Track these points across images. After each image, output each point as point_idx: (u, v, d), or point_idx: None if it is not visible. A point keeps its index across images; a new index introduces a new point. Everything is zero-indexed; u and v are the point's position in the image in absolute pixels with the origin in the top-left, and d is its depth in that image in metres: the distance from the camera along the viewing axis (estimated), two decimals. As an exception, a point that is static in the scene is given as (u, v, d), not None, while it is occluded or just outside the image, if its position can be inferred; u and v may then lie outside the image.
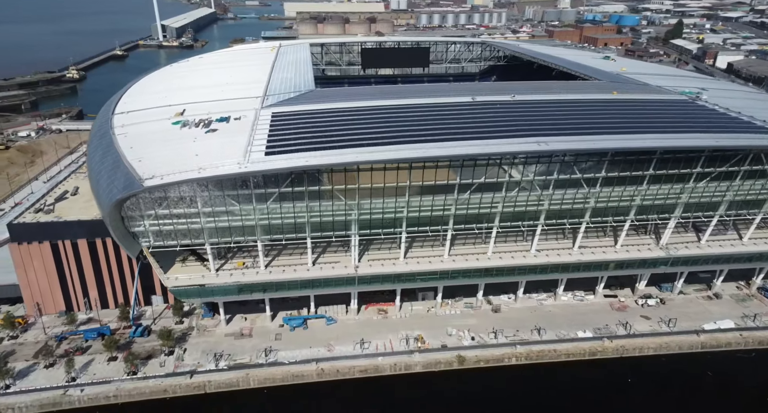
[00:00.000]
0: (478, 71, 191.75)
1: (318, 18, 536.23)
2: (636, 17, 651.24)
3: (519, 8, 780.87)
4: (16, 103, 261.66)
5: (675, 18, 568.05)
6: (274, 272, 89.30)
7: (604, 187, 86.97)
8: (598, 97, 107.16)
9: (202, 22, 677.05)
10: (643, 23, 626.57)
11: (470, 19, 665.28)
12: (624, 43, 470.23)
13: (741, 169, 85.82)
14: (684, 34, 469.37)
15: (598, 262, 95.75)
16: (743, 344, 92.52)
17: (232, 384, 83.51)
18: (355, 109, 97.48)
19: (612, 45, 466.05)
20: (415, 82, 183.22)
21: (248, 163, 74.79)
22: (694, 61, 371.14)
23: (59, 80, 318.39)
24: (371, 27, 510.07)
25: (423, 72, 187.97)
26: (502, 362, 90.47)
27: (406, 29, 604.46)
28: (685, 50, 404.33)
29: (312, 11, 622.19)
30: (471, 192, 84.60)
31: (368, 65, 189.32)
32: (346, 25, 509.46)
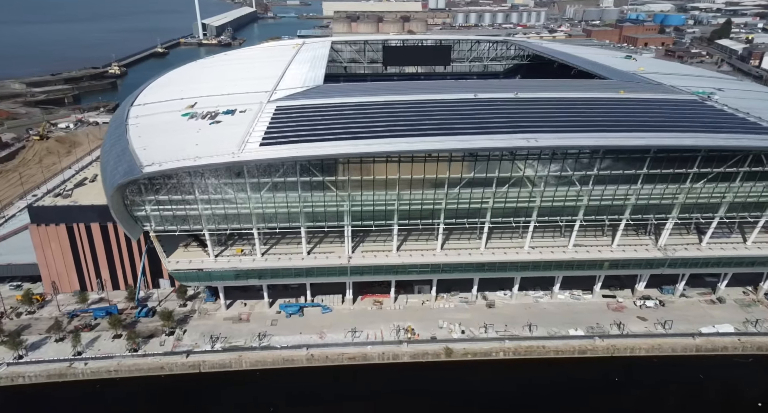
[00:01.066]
0: (503, 70, 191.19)
1: (352, 17, 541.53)
2: (682, 16, 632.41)
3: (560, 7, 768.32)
4: (60, 96, 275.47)
5: (725, 17, 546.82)
6: (269, 260, 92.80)
7: (596, 185, 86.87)
8: (603, 95, 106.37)
9: (242, 21, 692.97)
10: (689, 23, 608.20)
11: (508, 18, 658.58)
12: (665, 43, 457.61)
13: (740, 170, 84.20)
14: (732, 34, 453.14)
15: (593, 261, 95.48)
16: (741, 349, 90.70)
17: (225, 365, 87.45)
18: (356, 103, 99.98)
19: (652, 45, 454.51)
20: (437, 80, 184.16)
21: (241, 153, 78.33)
22: (738, 63, 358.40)
23: (102, 76, 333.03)
24: (404, 26, 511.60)
25: (448, 70, 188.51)
26: (490, 356, 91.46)
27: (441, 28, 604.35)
28: (731, 51, 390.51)
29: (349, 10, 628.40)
30: (461, 187, 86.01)
31: (390, 63, 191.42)
32: (379, 24, 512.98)
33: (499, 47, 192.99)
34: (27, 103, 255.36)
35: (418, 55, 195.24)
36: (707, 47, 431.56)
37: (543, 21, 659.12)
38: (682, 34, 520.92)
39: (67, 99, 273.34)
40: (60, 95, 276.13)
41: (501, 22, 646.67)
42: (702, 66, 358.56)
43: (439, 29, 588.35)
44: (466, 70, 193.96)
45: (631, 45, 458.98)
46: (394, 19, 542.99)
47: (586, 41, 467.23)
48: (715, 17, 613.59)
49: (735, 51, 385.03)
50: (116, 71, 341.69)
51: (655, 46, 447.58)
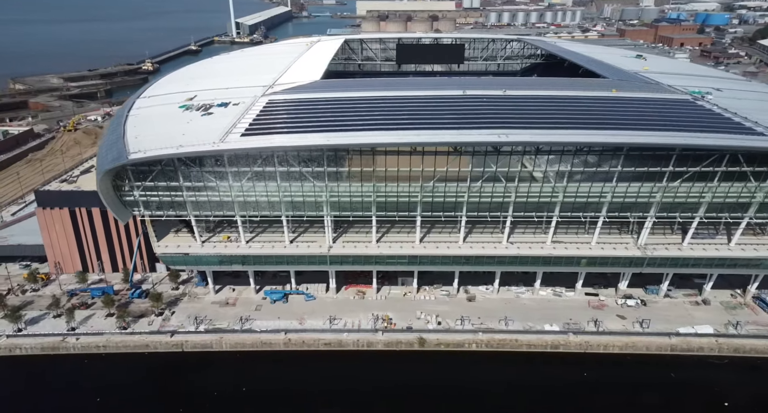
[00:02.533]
0: (519, 69, 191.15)
1: (381, 16, 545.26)
2: (726, 16, 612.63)
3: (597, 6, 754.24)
4: (93, 91, 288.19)
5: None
6: (253, 247, 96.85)
7: (571, 182, 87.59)
8: (593, 94, 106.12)
9: (276, 20, 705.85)
10: (733, 22, 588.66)
11: (542, 18, 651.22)
12: (702, 44, 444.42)
13: (716, 169, 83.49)
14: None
15: (570, 257, 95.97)
16: (717, 350, 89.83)
17: (207, 346, 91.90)
18: (344, 98, 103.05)
19: (689, 45, 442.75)
20: (439, 77, 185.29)
21: (221, 143, 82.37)
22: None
23: (135, 72, 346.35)
24: (433, 25, 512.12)
25: (464, 69, 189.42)
26: (462, 347, 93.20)
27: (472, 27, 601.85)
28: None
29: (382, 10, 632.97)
30: (438, 181, 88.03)
31: (403, 61, 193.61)
32: (408, 23, 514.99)
33: (514, 46, 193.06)
34: (62, 97, 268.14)
35: (431, 54, 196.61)
36: (748, 48, 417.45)
37: (578, 20, 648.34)
38: (722, 34, 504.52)
39: (100, 93, 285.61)
40: (93, 90, 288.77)
41: (535, 21, 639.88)
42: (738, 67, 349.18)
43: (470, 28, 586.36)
44: (482, 68, 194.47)
45: (667, 45, 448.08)
46: (423, 18, 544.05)
47: (619, 41, 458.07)
48: (762, 16, 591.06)
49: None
50: (149, 68, 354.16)
51: (692, 47, 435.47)
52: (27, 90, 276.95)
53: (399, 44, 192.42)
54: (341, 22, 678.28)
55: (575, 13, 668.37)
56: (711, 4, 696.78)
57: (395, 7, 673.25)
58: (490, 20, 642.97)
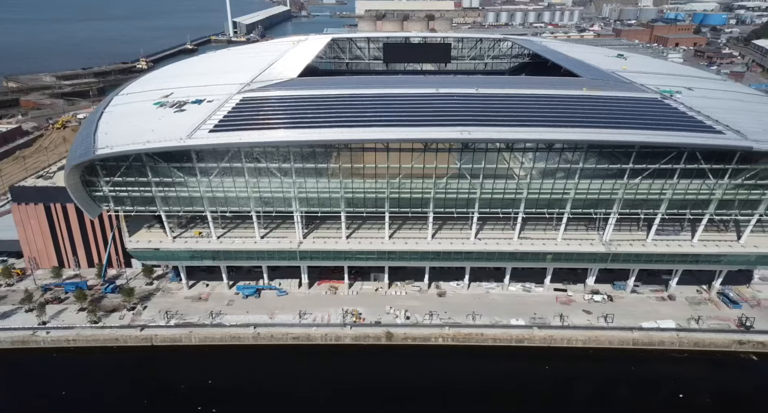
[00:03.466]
0: (508, 68, 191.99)
1: (378, 15, 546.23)
2: (723, 16, 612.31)
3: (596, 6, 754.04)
4: (85, 89, 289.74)
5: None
6: (224, 242, 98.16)
7: (534, 178, 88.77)
8: (565, 92, 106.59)
9: (275, 19, 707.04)
10: (731, 22, 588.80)
11: (540, 17, 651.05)
12: (697, 44, 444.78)
13: (675, 167, 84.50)
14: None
15: (536, 253, 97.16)
16: (678, 344, 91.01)
17: (176, 340, 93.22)
18: (317, 96, 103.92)
19: (684, 45, 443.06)
20: (416, 75, 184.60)
21: (188, 139, 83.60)
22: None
23: (129, 70, 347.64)
24: (429, 24, 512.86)
25: (453, 68, 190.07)
26: (429, 341, 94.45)
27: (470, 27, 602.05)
28: (765, 51, 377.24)
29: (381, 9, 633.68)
30: (404, 178, 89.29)
31: (390, 60, 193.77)
32: (404, 23, 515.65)
33: (502, 46, 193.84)
34: (54, 95, 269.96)
35: (418, 53, 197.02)
36: (743, 48, 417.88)
37: (576, 20, 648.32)
38: (718, 34, 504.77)
39: (92, 91, 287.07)
40: (85, 88, 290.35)
41: (533, 21, 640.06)
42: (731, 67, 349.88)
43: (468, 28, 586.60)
44: (471, 67, 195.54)
45: (662, 45, 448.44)
46: (420, 17, 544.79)
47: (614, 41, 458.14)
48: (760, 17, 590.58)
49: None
50: (144, 66, 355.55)
51: (686, 47, 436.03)
52: (20, 88, 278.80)
53: (386, 43, 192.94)
54: (340, 21, 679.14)
55: (573, 13, 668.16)
56: (710, 4, 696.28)
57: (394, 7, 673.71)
58: (488, 20, 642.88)
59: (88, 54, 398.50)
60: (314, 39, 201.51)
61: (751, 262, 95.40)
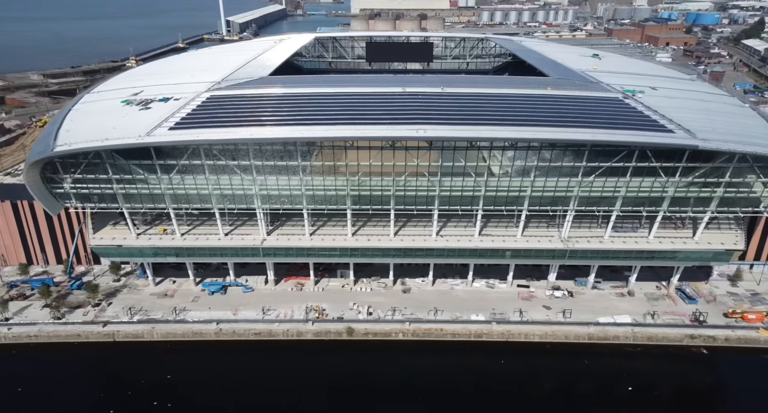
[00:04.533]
0: (492, 68, 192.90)
1: (371, 14, 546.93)
2: (716, 15, 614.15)
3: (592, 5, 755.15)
4: (72, 87, 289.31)
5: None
6: (188, 239, 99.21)
7: (491, 176, 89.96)
8: (528, 91, 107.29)
9: (269, 18, 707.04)
10: (724, 22, 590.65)
11: (534, 17, 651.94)
12: (688, 43, 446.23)
13: (627, 165, 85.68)
14: (763, 34, 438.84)
15: (495, 249, 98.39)
16: (632, 339, 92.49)
17: (138, 336, 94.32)
18: (283, 94, 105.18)
19: (674, 45, 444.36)
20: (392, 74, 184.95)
21: (146, 136, 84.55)
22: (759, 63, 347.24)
23: (118, 69, 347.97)
24: (421, 23, 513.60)
25: (437, 68, 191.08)
26: (390, 336, 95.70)
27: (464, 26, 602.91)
28: (754, 51, 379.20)
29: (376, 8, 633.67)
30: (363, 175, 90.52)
31: (373, 59, 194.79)
32: (396, 22, 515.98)
33: (484, 45, 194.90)
34: (39, 93, 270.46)
35: (400, 52, 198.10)
36: (732, 48, 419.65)
37: (570, 19, 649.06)
38: (709, 33, 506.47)
39: (79, 90, 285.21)
40: (72, 86, 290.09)
41: (527, 20, 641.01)
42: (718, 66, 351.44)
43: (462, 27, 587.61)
44: (455, 67, 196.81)
45: (653, 45, 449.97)
46: (413, 17, 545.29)
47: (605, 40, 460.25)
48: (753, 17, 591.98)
49: (758, 51, 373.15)
50: (133, 65, 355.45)
51: (676, 46, 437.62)
52: (6, 86, 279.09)
53: (369, 43, 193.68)
54: (335, 20, 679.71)
55: (567, 13, 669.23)
56: (705, 4, 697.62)
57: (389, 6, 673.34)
58: (483, 19, 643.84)
59: (80, 52, 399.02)
60: (297, 38, 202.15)
61: (705, 258, 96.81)
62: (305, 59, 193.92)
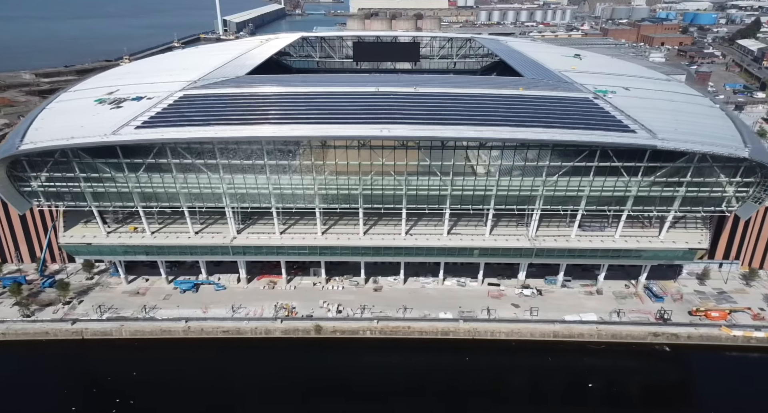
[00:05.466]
0: (480, 67, 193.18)
1: (367, 14, 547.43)
2: (713, 15, 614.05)
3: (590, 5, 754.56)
4: (63, 86, 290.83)
5: (764, 16, 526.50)
6: (158, 237, 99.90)
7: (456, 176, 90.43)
8: (500, 91, 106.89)
9: (267, 17, 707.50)
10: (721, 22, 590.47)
11: (532, 17, 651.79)
12: (683, 43, 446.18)
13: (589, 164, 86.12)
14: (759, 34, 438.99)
15: (463, 248, 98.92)
16: (596, 336, 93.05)
17: (107, 333, 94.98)
18: (256, 93, 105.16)
19: (669, 44, 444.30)
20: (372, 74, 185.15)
21: (111, 135, 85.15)
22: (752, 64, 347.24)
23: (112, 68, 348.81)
24: (417, 23, 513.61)
25: (426, 67, 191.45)
26: (357, 334, 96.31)
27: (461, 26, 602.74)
28: (747, 51, 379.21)
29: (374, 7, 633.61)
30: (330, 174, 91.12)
31: (360, 59, 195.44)
32: (392, 21, 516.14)
33: (471, 45, 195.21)
34: (30, 92, 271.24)
35: (387, 52, 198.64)
36: (727, 48, 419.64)
37: (568, 19, 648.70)
38: (705, 33, 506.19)
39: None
40: (64, 85, 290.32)
41: (525, 20, 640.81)
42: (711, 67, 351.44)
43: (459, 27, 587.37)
44: (443, 66, 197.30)
45: (648, 44, 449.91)
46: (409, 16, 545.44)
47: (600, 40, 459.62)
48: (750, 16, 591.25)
49: (751, 51, 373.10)
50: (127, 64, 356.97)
51: (671, 46, 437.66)
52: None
53: (355, 42, 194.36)
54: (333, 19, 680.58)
55: (565, 12, 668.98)
56: (703, 4, 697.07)
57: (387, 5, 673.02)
58: (480, 19, 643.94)
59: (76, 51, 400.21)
60: (284, 37, 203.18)
61: (670, 257, 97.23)
62: (293, 59, 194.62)
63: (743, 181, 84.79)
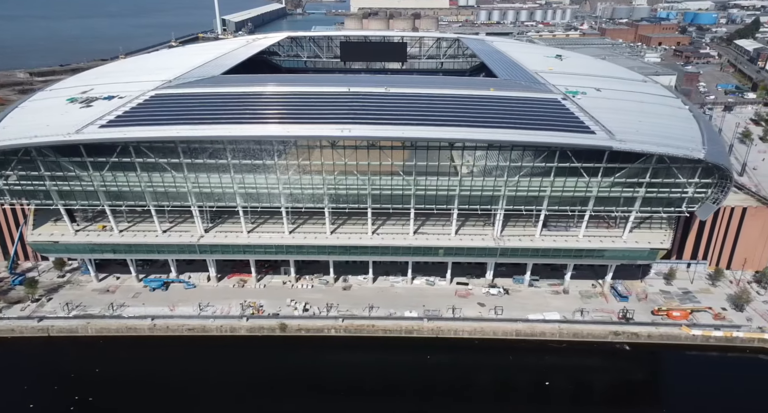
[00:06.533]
0: (469, 67, 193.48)
1: (365, 14, 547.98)
2: (714, 15, 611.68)
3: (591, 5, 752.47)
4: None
5: (764, 16, 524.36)
6: (126, 236, 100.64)
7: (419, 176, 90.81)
8: (469, 92, 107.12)
9: (267, 17, 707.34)
10: (721, 22, 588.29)
11: (532, 16, 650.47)
12: (680, 43, 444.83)
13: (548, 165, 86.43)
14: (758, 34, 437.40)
15: (428, 247, 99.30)
16: (558, 335, 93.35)
17: (73, 330, 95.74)
18: (227, 93, 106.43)
19: (667, 44, 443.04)
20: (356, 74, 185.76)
21: (75, 134, 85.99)
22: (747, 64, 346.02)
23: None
24: (415, 23, 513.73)
25: (416, 68, 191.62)
26: (322, 332, 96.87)
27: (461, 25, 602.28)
28: (744, 51, 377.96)
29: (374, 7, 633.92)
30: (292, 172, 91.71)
31: (347, 58, 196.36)
32: (390, 21, 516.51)
33: (458, 45, 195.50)
34: (23, 91, 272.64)
35: (374, 52, 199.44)
36: (724, 48, 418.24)
37: (568, 19, 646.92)
38: (704, 33, 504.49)
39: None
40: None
41: (525, 19, 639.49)
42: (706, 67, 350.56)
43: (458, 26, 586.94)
44: (433, 66, 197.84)
45: (645, 44, 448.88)
46: (406, 16, 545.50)
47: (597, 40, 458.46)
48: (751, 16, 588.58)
49: (747, 51, 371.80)
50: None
51: (668, 46, 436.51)
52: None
53: (343, 42, 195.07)
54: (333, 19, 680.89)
55: (565, 12, 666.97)
56: (705, 3, 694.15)
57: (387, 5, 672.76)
58: (480, 18, 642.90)
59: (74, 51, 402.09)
60: (271, 37, 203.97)
61: (632, 257, 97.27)
62: (282, 58, 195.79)
63: (701, 182, 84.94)
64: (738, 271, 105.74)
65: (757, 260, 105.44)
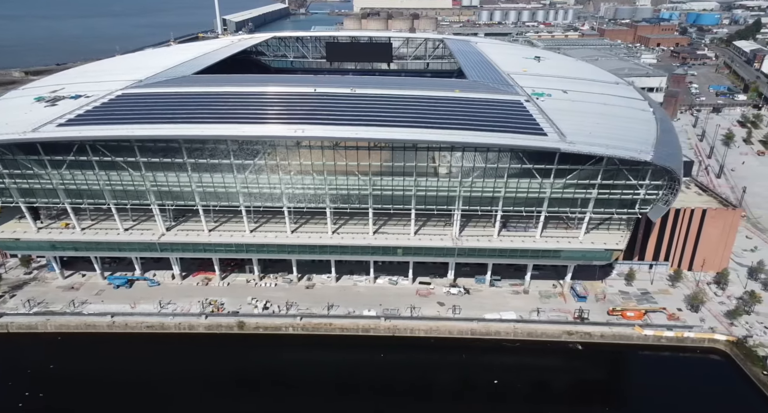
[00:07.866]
0: (457, 68, 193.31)
1: (364, 14, 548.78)
2: (716, 16, 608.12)
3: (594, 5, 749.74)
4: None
5: (765, 17, 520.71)
6: (87, 233, 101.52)
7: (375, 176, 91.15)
8: (433, 94, 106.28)
9: (269, 17, 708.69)
10: (724, 22, 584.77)
11: (534, 16, 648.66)
12: (679, 44, 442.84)
13: (501, 166, 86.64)
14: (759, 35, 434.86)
15: (387, 247, 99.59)
16: (513, 335, 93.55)
17: (32, 327, 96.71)
18: (193, 93, 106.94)
19: (665, 45, 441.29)
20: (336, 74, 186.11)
21: (31, 132, 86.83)
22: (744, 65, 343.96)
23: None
24: (413, 23, 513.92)
25: (403, 68, 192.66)
26: (280, 330, 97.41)
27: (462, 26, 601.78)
28: (741, 52, 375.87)
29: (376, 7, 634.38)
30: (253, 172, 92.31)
31: (333, 59, 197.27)
32: (389, 21, 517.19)
33: (442, 46, 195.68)
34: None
35: (360, 52, 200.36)
36: (723, 49, 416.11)
37: (570, 19, 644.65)
38: (703, 34, 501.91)
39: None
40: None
41: (527, 19, 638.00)
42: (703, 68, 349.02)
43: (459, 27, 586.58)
44: (421, 67, 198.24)
45: (644, 45, 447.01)
46: (404, 16, 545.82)
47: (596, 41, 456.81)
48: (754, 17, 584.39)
49: (745, 52, 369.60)
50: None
51: (666, 47, 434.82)
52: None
53: (328, 43, 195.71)
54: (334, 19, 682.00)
55: (567, 12, 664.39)
56: (710, 4, 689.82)
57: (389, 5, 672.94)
58: (482, 19, 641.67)
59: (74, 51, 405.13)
60: (256, 37, 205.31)
61: (588, 257, 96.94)
62: (269, 58, 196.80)
63: (652, 183, 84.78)
64: (699, 272, 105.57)
65: (717, 261, 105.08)
